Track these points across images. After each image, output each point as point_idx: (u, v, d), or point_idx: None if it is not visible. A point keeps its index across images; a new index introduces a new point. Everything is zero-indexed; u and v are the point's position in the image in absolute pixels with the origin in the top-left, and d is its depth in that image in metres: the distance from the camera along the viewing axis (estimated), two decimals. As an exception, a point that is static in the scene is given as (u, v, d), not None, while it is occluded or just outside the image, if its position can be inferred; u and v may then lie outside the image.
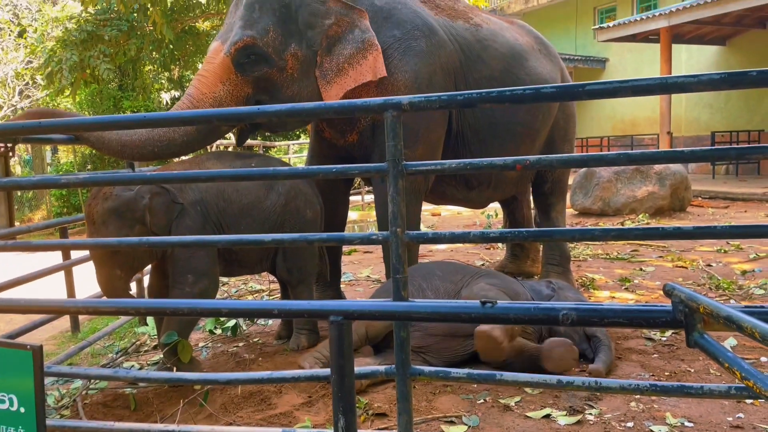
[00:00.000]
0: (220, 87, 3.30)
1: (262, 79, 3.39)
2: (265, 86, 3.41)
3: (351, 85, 3.50)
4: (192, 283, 3.12)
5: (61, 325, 4.64)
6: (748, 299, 4.25)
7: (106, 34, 10.28)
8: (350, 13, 3.55)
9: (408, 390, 1.97)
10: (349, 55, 3.50)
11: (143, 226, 3.01)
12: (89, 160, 14.20)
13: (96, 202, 2.97)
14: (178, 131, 3.17)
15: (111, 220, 2.95)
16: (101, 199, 2.97)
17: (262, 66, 3.37)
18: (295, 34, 3.44)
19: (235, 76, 3.33)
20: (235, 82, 3.33)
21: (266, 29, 3.35)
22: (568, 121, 4.62)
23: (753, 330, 0.99)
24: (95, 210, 2.96)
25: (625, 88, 1.68)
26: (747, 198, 9.53)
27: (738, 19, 12.13)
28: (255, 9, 3.39)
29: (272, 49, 3.36)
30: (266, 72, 3.39)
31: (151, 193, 3.04)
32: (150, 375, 2.39)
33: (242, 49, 3.31)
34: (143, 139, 3.08)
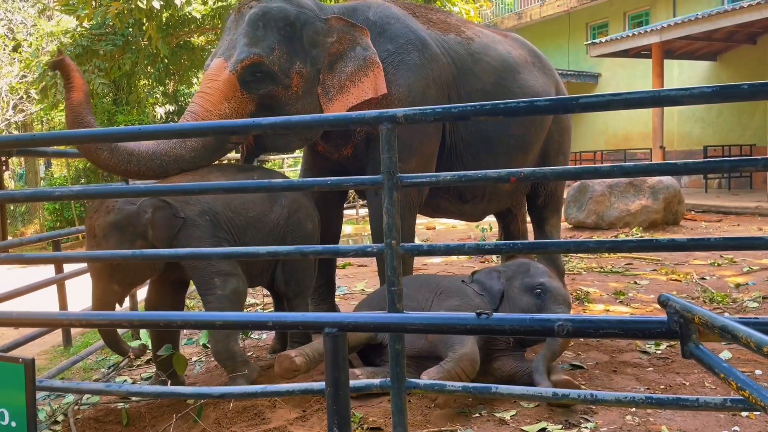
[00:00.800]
0: (226, 105, 3.27)
1: (266, 97, 3.37)
2: (269, 104, 3.39)
3: (353, 102, 3.50)
4: (221, 285, 3.06)
5: (53, 340, 4.60)
6: (742, 312, 4.26)
7: (101, 49, 10.29)
8: (352, 31, 3.57)
9: (403, 403, 1.96)
10: (350, 72, 3.51)
11: (144, 240, 2.95)
12: (82, 174, 14.17)
13: (97, 216, 2.92)
14: (186, 147, 3.16)
15: (112, 234, 2.89)
16: (103, 213, 2.91)
17: (268, 84, 3.35)
18: (300, 52, 3.43)
19: (241, 94, 3.30)
20: (240, 99, 3.31)
21: (271, 47, 3.33)
22: (563, 135, 4.64)
23: (748, 340, 1.00)
24: (96, 223, 2.90)
25: (618, 101, 1.70)
26: (740, 211, 9.58)
27: (728, 35, 12.26)
28: (259, 27, 3.36)
29: (278, 67, 3.34)
30: (271, 90, 3.37)
31: (153, 207, 2.96)
32: (143, 389, 2.37)
33: (249, 67, 3.28)
34: (150, 153, 3.07)
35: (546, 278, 3.15)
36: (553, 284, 3.12)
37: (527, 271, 3.21)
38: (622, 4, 15.88)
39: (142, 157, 3.05)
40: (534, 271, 3.21)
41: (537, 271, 3.21)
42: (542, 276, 3.17)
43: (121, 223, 2.90)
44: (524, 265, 3.25)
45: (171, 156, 3.13)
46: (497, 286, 3.18)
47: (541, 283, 3.09)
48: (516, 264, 3.29)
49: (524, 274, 3.20)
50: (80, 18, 9.50)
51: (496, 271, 3.28)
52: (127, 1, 8.56)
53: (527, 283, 3.13)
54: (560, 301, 3.05)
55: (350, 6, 3.89)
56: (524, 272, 3.22)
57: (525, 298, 3.10)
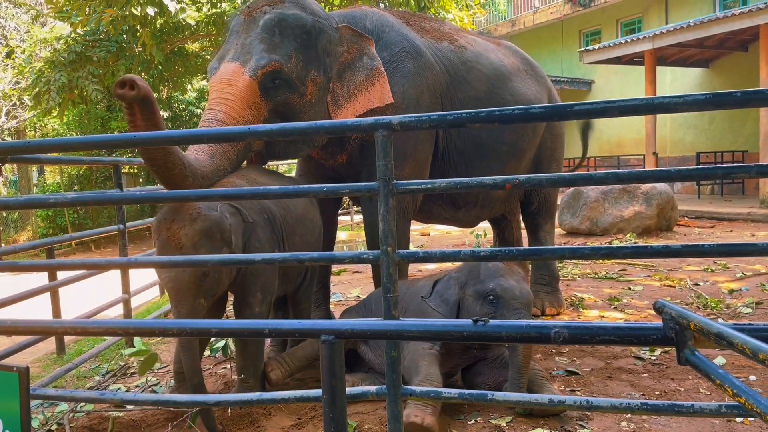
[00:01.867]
0: (248, 111, 3.19)
1: (281, 104, 3.34)
2: (283, 111, 3.35)
3: (360, 111, 3.52)
4: (260, 302, 3.00)
5: (46, 348, 4.57)
6: (736, 318, 4.28)
7: (95, 55, 10.27)
8: (359, 41, 3.59)
9: (399, 410, 1.96)
10: (359, 81, 3.53)
11: (229, 247, 2.74)
12: (76, 180, 14.13)
13: (181, 225, 2.65)
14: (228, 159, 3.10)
15: (203, 243, 2.65)
16: (188, 221, 2.66)
17: (285, 91, 3.32)
18: (314, 61, 3.42)
19: (260, 100, 3.25)
20: (259, 106, 3.25)
21: (289, 54, 3.31)
22: (556, 141, 4.67)
23: (743, 346, 1.00)
24: (183, 233, 2.63)
25: (612, 108, 1.71)
26: (732, 217, 9.63)
27: (720, 42, 12.36)
28: (275, 33, 3.32)
29: (295, 75, 3.32)
30: (288, 97, 3.33)
31: (229, 213, 2.80)
32: (137, 397, 2.35)
33: (270, 73, 3.23)
34: (212, 171, 2.96)
35: (497, 281, 2.89)
36: (505, 286, 2.86)
37: (477, 275, 2.97)
38: (615, 12, 15.99)
39: (204, 173, 2.89)
40: (485, 274, 2.95)
41: (488, 274, 2.94)
42: (493, 279, 2.90)
43: (211, 230, 2.69)
44: (474, 268, 3.00)
45: (222, 171, 3.05)
46: (452, 296, 3.00)
47: (491, 289, 2.86)
48: (467, 268, 3.05)
49: (475, 279, 2.96)
50: (74, 24, 9.48)
51: (453, 278, 3.06)
52: (121, 8, 8.56)
53: (479, 290, 2.91)
54: (516, 306, 2.82)
55: (348, 14, 3.91)
56: (475, 278, 2.97)
57: (479, 308, 2.89)
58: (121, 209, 4.73)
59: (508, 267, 2.98)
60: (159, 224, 2.69)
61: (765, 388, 3.04)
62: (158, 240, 2.68)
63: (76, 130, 13.81)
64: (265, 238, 2.99)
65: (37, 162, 4.05)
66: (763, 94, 1.65)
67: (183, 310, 2.65)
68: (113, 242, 12.24)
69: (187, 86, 13.75)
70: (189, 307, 2.65)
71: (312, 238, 3.40)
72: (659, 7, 14.84)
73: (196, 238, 2.63)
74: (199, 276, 2.65)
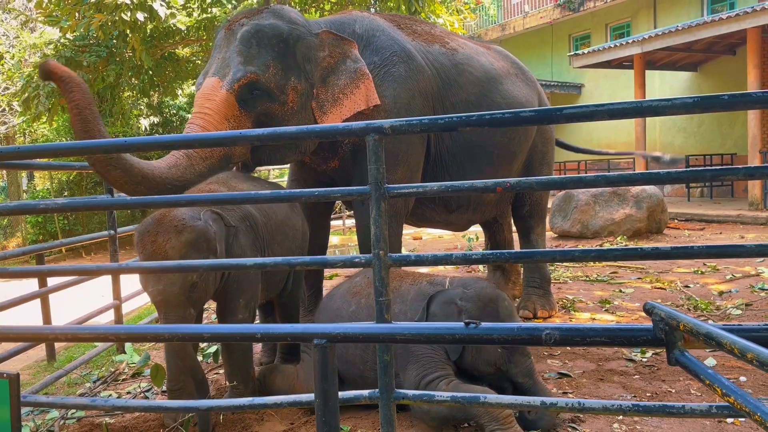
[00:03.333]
0: (227, 125, 3.22)
1: (263, 115, 3.36)
2: (265, 121, 3.36)
3: (347, 115, 3.52)
4: (243, 308, 2.98)
5: (36, 354, 4.54)
6: (726, 319, 4.30)
7: (84, 60, 10.23)
8: (341, 44, 3.60)
9: (392, 414, 1.96)
10: (343, 85, 3.54)
11: (214, 255, 2.71)
12: (66, 186, 14.04)
13: (168, 237, 2.61)
14: (195, 173, 3.11)
15: (190, 255, 2.61)
16: (174, 232, 2.62)
17: (265, 101, 3.33)
18: (294, 68, 3.43)
19: (239, 113, 3.27)
20: (239, 118, 3.28)
21: (267, 64, 3.33)
22: (547, 145, 4.70)
23: (733, 346, 1.01)
24: (169, 245, 2.60)
25: (601, 111, 1.73)
26: (722, 220, 9.70)
27: (708, 46, 12.46)
28: (252, 44, 3.35)
29: (274, 84, 3.33)
30: (268, 107, 3.35)
31: (212, 220, 2.78)
32: (129, 403, 2.34)
33: (246, 85, 3.26)
34: (163, 178, 2.96)
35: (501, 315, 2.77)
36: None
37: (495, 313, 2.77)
38: (604, 16, 16.09)
39: (154, 181, 2.92)
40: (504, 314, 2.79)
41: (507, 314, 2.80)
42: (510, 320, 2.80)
43: (197, 241, 2.66)
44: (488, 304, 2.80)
45: (181, 181, 3.05)
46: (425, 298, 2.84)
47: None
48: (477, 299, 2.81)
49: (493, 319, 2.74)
50: (63, 29, 9.45)
51: (459, 307, 2.79)
52: (111, 12, 8.53)
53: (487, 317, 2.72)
54: (527, 353, 2.77)
55: (336, 20, 3.92)
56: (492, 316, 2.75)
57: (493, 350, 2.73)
58: (111, 215, 4.71)
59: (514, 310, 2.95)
60: (142, 237, 2.65)
61: (755, 389, 3.06)
62: (143, 253, 2.64)
63: (66, 135, 13.73)
64: (248, 245, 2.98)
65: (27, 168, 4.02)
66: (750, 97, 1.67)
67: (174, 321, 2.62)
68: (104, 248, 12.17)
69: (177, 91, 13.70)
70: (179, 318, 2.63)
71: (293, 245, 3.38)
72: (648, 12, 14.95)
73: (183, 250, 2.60)
74: (188, 287, 2.63)
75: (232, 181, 3.23)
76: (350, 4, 10.93)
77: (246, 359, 3.05)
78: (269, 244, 3.18)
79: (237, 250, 2.90)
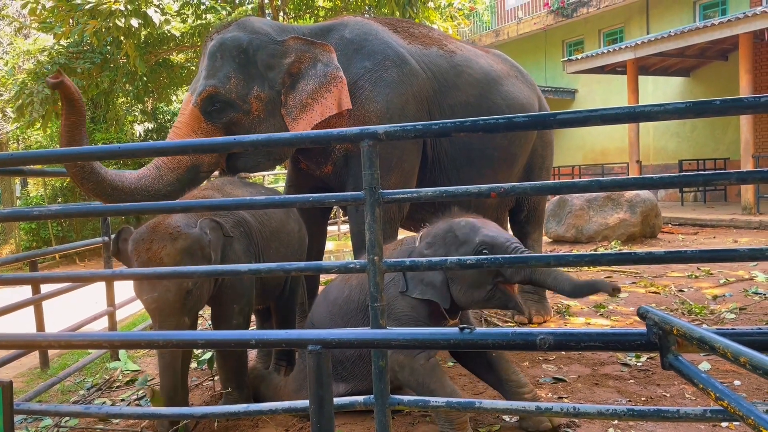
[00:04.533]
0: (194, 137, 3.37)
1: (230, 125, 3.48)
2: (235, 131, 3.48)
3: (317, 120, 3.56)
4: (238, 313, 2.99)
5: (30, 362, 4.51)
6: (720, 323, 4.31)
7: (78, 67, 10.22)
8: (311, 49, 3.61)
9: (387, 420, 1.95)
10: (312, 90, 3.56)
11: (209, 263, 2.70)
12: (59, 193, 14.00)
13: (163, 244, 2.61)
14: (164, 183, 3.28)
15: (184, 262, 2.61)
16: (169, 239, 2.62)
17: (229, 112, 3.46)
18: (257, 77, 3.52)
19: (206, 125, 3.43)
20: (206, 130, 3.43)
21: (228, 76, 3.45)
22: (546, 149, 4.68)
23: (725, 350, 1.02)
24: (165, 252, 2.60)
25: (594, 116, 1.74)
26: (715, 224, 9.74)
27: (701, 52, 12.54)
28: (217, 57, 3.49)
29: (235, 95, 3.44)
30: (233, 117, 3.47)
31: (209, 228, 2.78)
32: (123, 411, 2.33)
33: (207, 98, 3.41)
34: (132, 188, 3.16)
35: (481, 234, 2.60)
36: (493, 235, 2.59)
37: (455, 239, 2.63)
38: (597, 22, 16.18)
39: (124, 192, 3.11)
40: (462, 233, 2.63)
41: (465, 232, 2.63)
42: (475, 233, 2.61)
43: (192, 248, 2.66)
44: (444, 235, 2.68)
45: (150, 191, 3.22)
46: (437, 276, 2.68)
47: (480, 243, 2.55)
48: (433, 240, 2.71)
49: (455, 244, 2.63)
50: (57, 36, 9.42)
51: (427, 255, 2.65)
52: (105, 19, 8.53)
53: (467, 252, 2.57)
54: (512, 248, 2.56)
55: (326, 25, 3.92)
56: (453, 243, 2.63)
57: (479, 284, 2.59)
58: (105, 221, 4.70)
59: (478, 218, 2.73)
60: (137, 245, 2.66)
61: (750, 393, 3.07)
62: (138, 260, 2.64)
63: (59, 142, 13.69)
64: (242, 251, 2.98)
65: (20, 174, 4.01)
66: (741, 102, 1.68)
67: (169, 329, 2.61)
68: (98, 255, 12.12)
69: (172, 97, 13.71)
70: (174, 326, 2.63)
71: (289, 250, 3.37)
72: (640, 18, 15.04)
73: (178, 257, 2.61)
74: (184, 295, 2.63)
75: (227, 188, 3.24)
76: (344, 10, 10.95)
77: (240, 366, 3.04)
78: (264, 250, 3.18)
79: (231, 255, 2.90)
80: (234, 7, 11.05)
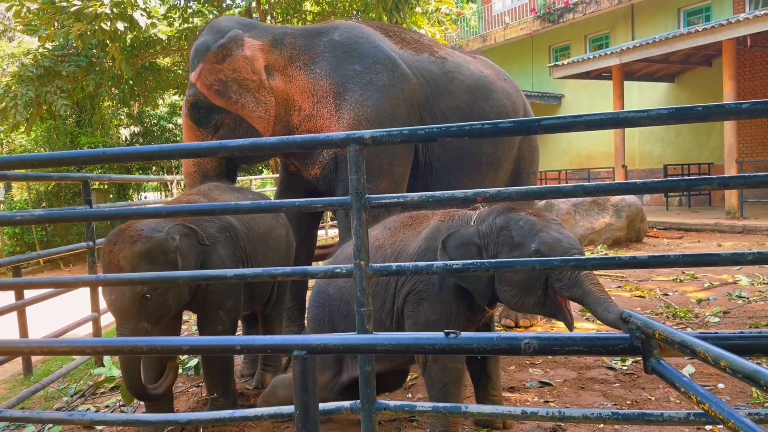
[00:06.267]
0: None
1: (218, 127, 3.63)
2: (223, 132, 3.63)
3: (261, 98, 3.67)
4: (223, 321, 2.97)
5: (13, 368, 4.46)
6: (704, 327, 4.35)
7: (63, 70, 10.14)
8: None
9: (373, 426, 1.95)
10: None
11: (174, 269, 2.65)
12: (44, 197, 13.86)
13: (122, 246, 2.58)
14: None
15: (141, 266, 2.56)
16: (128, 243, 2.59)
17: (213, 115, 3.62)
18: None
19: (199, 132, 3.61)
20: (200, 137, 3.60)
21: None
22: (533, 153, 4.71)
23: (706, 354, 1.03)
24: (122, 255, 2.57)
25: (579, 122, 1.75)
26: (699, 228, 9.83)
27: (685, 58, 12.67)
28: (195, 64, 3.64)
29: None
30: (218, 119, 3.63)
31: (180, 234, 2.73)
32: (107, 417, 2.30)
33: (191, 107, 3.59)
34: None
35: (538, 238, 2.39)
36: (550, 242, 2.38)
37: (510, 239, 2.45)
38: (583, 28, 16.31)
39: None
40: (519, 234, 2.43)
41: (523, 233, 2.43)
42: (533, 237, 2.40)
43: (151, 252, 2.61)
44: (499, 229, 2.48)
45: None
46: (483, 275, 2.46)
47: (535, 252, 2.37)
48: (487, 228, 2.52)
49: (508, 245, 2.45)
50: (42, 38, 9.36)
51: (475, 246, 2.50)
52: (90, 22, 8.47)
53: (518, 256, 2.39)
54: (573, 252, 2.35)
55: (316, 28, 3.92)
56: (508, 243, 2.45)
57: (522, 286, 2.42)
58: (90, 226, 4.66)
59: (540, 215, 2.49)
60: (104, 246, 2.67)
61: (733, 396, 3.09)
62: (102, 262, 2.65)
63: (44, 146, 13.57)
64: (227, 255, 2.95)
65: (3, 179, 3.98)
66: (723, 108, 1.70)
67: (125, 333, 2.58)
68: (82, 260, 12.01)
69: (158, 101, 13.63)
70: (131, 331, 2.58)
71: (277, 256, 3.36)
72: (626, 24, 15.19)
73: (135, 260, 2.57)
74: (139, 299, 2.57)
75: (214, 193, 3.22)
76: (332, 15, 10.96)
77: (226, 371, 3.02)
78: (252, 255, 3.16)
79: (216, 261, 2.88)
80: (221, 10, 11.02)
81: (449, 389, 2.56)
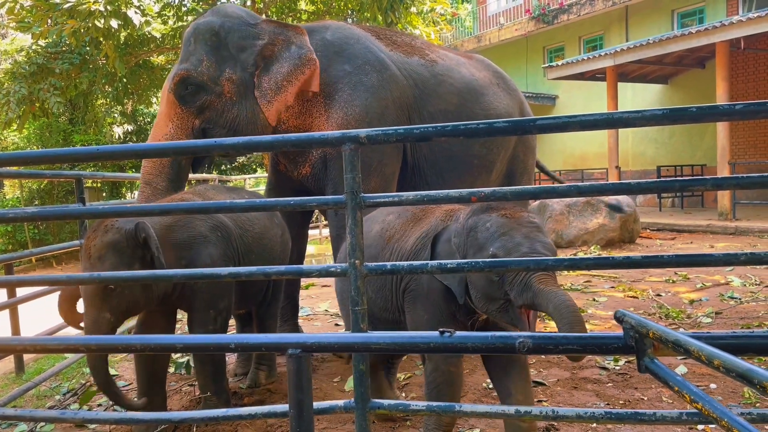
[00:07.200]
0: (170, 125, 3.46)
1: (204, 108, 3.52)
2: (209, 114, 3.53)
3: (290, 102, 3.62)
4: (214, 320, 2.95)
5: (5, 366, 4.44)
6: (697, 327, 4.37)
7: (57, 67, 10.08)
8: (285, 32, 3.64)
9: (367, 425, 1.95)
10: (286, 72, 3.59)
11: (143, 264, 2.66)
12: (36, 195, 13.80)
13: (95, 236, 2.64)
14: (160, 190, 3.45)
15: (108, 256, 2.59)
16: (101, 232, 2.64)
17: (201, 95, 3.51)
18: (229, 59, 3.56)
19: (181, 110, 3.50)
20: (181, 115, 3.50)
21: (200, 59, 3.50)
22: (528, 154, 4.72)
23: (699, 353, 1.03)
24: (92, 243, 2.62)
25: (573, 122, 1.75)
26: (692, 229, 9.88)
27: (679, 59, 12.73)
28: (191, 42, 3.55)
29: (207, 77, 3.48)
30: (206, 100, 3.51)
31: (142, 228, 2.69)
32: (99, 416, 2.29)
33: (179, 82, 3.47)
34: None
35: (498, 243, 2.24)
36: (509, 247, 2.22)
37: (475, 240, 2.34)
38: (577, 29, 16.35)
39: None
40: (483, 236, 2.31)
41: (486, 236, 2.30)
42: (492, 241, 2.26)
43: (118, 243, 2.62)
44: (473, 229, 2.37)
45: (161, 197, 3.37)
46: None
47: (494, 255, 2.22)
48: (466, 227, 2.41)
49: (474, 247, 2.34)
50: (35, 35, 9.30)
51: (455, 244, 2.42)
52: (84, 19, 8.43)
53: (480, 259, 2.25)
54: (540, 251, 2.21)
55: (308, 27, 3.93)
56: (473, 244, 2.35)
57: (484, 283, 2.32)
58: (83, 224, 4.63)
59: (511, 216, 2.33)
60: (87, 234, 2.74)
61: (725, 395, 3.11)
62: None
63: (37, 143, 13.51)
64: (218, 255, 2.94)
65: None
66: (717, 110, 1.71)
67: (87, 321, 2.61)
68: (75, 258, 11.97)
69: (152, 99, 13.58)
70: (92, 318, 2.60)
71: (272, 255, 3.35)
72: (620, 25, 15.24)
73: (103, 250, 2.60)
74: (102, 289, 2.58)
75: (209, 192, 3.21)
76: (327, 14, 10.95)
77: (219, 370, 3.01)
78: (246, 254, 3.15)
79: (207, 260, 2.87)
80: (215, 9, 10.97)
81: (441, 390, 2.55)
